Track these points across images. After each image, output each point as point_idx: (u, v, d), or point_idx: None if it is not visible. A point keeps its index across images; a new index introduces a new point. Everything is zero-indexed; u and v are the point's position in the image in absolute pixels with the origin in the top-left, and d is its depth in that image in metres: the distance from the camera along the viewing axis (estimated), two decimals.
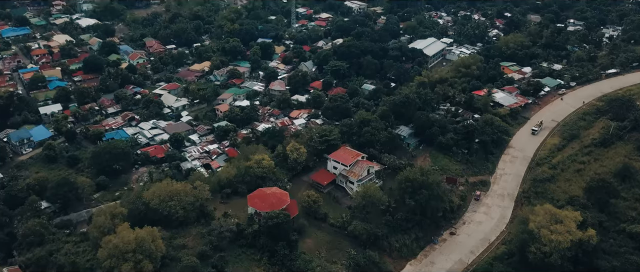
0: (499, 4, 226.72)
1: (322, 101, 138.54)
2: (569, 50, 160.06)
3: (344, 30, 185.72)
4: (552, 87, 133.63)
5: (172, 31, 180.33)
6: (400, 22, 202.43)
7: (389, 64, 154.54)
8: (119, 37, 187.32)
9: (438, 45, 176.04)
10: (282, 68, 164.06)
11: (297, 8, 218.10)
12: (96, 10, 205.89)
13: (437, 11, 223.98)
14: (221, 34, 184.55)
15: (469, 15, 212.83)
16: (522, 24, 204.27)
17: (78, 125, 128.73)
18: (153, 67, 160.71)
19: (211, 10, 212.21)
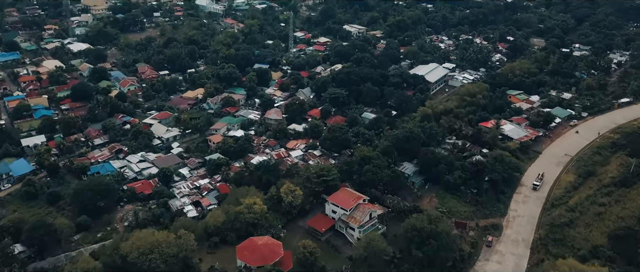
0: (500, 27, 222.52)
1: (320, 131, 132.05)
2: (578, 77, 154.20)
3: (342, 56, 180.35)
4: (562, 118, 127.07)
5: (165, 57, 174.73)
6: (401, 46, 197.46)
7: (389, 91, 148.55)
8: (111, 62, 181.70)
9: (440, 71, 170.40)
10: (279, 95, 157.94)
11: (295, 32, 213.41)
12: (89, 35, 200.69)
13: (438, 35, 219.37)
14: (216, 59, 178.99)
15: (471, 40, 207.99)
16: (525, 48, 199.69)
17: (62, 157, 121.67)
18: (144, 95, 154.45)
19: (207, 35, 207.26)
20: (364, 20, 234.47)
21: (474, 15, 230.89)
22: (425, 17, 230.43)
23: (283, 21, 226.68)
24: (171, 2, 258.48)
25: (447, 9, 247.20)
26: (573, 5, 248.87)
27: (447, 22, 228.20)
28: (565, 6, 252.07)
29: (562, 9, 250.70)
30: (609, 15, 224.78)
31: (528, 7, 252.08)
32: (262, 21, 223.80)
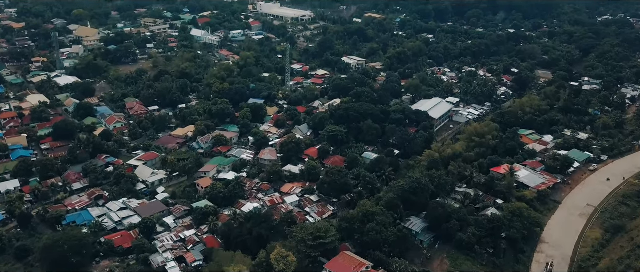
0: (504, 59, 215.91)
1: (317, 173, 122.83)
2: (592, 114, 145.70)
3: (341, 90, 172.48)
4: (581, 162, 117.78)
5: (155, 91, 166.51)
6: (402, 79, 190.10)
7: (391, 129, 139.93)
8: (99, 97, 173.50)
9: (444, 107, 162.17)
10: (275, 132, 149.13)
11: (292, 64, 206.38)
12: (77, 68, 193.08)
13: (439, 67, 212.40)
14: (209, 94, 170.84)
15: (474, 72, 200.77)
16: (531, 81, 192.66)
17: (36, 205, 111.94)
18: (131, 133, 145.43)
19: (201, 67, 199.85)
20: (363, 51, 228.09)
21: (476, 46, 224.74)
22: (426, 48, 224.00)
23: (280, 53, 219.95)
24: (165, 32, 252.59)
25: (449, 39, 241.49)
26: (577, 36, 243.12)
27: (449, 53, 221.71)
28: (569, 37, 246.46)
29: (565, 39, 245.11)
30: (615, 46, 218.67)
31: (531, 38, 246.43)
32: (259, 53, 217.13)
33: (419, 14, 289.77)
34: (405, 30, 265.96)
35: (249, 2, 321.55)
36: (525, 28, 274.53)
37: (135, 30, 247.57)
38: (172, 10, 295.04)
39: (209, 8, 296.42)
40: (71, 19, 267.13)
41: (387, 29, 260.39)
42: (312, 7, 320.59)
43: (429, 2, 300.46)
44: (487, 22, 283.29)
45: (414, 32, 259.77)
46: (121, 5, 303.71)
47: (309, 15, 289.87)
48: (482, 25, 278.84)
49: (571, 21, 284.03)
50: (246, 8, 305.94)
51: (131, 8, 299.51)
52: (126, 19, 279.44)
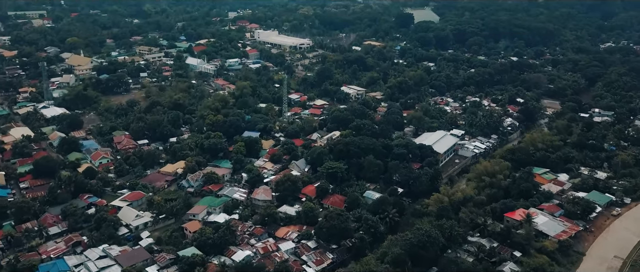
0: (509, 88, 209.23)
1: (315, 215, 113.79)
2: (607, 149, 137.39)
3: (340, 122, 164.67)
4: (602, 206, 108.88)
5: (146, 124, 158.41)
6: (403, 110, 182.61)
7: (394, 165, 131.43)
8: (86, 129, 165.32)
9: (449, 140, 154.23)
10: (270, 168, 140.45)
11: (289, 94, 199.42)
12: (66, 98, 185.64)
13: (442, 97, 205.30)
14: (203, 126, 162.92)
15: (479, 102, 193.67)
16: (537, 112, 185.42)
17: (8, 252, 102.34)
18: (117, 170, 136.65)
19: (195, 97, 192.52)
20: (363, 80, 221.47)
21: (479, 75, 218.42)
22: (427, 77, 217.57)
23: (277, 82, 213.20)
24: (160, 61, 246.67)
25: (450, 68, 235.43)
26: (581, 64, 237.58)
27: (452, 82, 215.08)
28: (573, 65, 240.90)
29: (570, 68, 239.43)
30: (622, 75, 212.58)
31: (534, 66, 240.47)
32: (256, 82, 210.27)
33: (419, 41, 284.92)
34: (405, 58, 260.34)
35: (247, 30, 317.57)
36: (527, 56, 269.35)
37: (129, 59, 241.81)
38: (168, 38, 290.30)
39: (205, 36, 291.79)
40: (65, 47, 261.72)
41: (387, 57, 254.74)
42: (310, 35, 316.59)
43: (429, 30, 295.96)
44: (489, 49, 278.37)
45: (414, 60, 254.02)
46: (117, 33, 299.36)
47: (308, 43, 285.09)
48: (484, 53, 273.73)
49: (574, 49, 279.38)
50: (244, 36, 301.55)
51: (127, 36, 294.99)
52: (121, 47, 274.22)
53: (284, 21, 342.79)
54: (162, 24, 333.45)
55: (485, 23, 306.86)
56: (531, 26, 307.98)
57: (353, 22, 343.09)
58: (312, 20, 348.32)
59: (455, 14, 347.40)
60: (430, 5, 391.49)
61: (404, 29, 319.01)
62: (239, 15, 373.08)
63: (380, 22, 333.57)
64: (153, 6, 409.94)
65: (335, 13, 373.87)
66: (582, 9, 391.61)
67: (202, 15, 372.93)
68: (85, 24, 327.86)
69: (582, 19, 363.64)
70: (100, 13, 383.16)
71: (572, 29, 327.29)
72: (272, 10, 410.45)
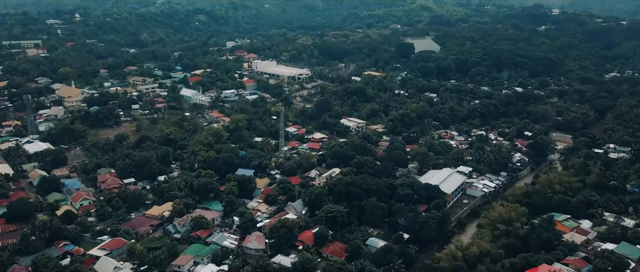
0: (515, 121, 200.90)
1: (313, 267, 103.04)
2: (630, 191, 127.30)
3: (340, 158, 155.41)
4: (634, 260, 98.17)
5: (133, 161, 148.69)
6: (406, 144, 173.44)
7: (399, 208, 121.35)
8: (70, 167, 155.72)
9: (456, 179, 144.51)
10: (264, 210, 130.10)
11: (287, 127, 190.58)
12: (51, 133, 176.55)
13: (446, 130, 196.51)
14: (194, 163, 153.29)
15: (485, 136, 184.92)
16: (547, 146, 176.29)
17: None
18: (99, 213, 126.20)
19: (188, 131, 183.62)
20: (363, 112, 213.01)
21: (484, 106, 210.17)
22: (430, 109, 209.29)
23: (275, 114, 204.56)
24: (154, 92, 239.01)
25: (454, 99, 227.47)
26: (589, 95, 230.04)
27: (456, 115, 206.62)
28: (580, 96, 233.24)
29: (577, 99, 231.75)
30: (632, 107, 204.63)
31: (541, 98, 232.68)
32: (252, 114, 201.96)
33: (420, 71, 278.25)
34: (406, 88, 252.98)
35: (244, 60, 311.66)
36: (532, 86, 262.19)
37: (122, 90, 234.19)
38: (164, 68, 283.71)
39: (202, 66, 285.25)
40: (56, 78, 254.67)
41: (387, 88, 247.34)
42: (309, 65, 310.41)
43: (430, 59, 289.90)
44: (492, 79, 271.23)
45: (416, 91, 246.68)
46: (111, 63, 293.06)
47: (306, 73, 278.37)
48: (487, 83, 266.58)
49: (579, 79, 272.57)
50: (241, 66, 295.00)
51: (121, 66, 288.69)
52: (115, 77, 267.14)
53: (283, 51, 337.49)
54: (158, 54, 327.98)
55: (487, 52, 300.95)
56: (534, 56, 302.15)
57: (352, 52, 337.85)
58: (311, 50, 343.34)
59: (456, 43, 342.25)
60: (431, 34, 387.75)
61: (404, 59, 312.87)
62: (237, 45, 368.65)
63: (380, 52, 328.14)
64: (150, 35, 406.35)
65: (335, 43, 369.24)
66: (584, 38, 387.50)
67: (199, 44, 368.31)
68: (80, 54, 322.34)
69: (584, 48, 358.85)
70: (97, 42, 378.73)
71: (575, 59, 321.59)
72: (271, 39, 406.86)
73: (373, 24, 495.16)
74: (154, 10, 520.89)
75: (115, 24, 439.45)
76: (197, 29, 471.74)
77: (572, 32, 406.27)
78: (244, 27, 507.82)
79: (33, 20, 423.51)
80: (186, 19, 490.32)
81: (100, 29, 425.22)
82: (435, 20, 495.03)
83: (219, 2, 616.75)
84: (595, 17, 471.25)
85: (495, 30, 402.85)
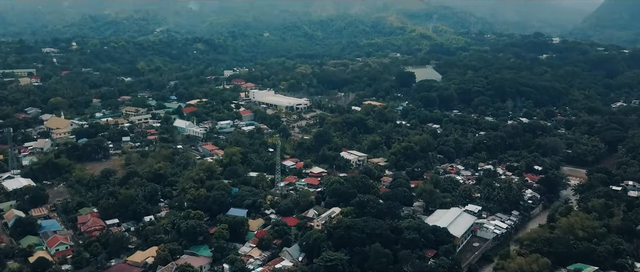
0: (524, 154, 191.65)
1: None
2: None
3: (340, 196, 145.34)
4: None
5: (117, 200, 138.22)
6: (410, 180, 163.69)
7: (405, 255, 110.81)
8: (50, 206, 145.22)
9: (465, 220, 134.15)
10: (257, 256, 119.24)
11: (284, 160, 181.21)
12: (34, 168, 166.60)
13: (452, 164, 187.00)
14: (183, 202, 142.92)
15: (493, 171, 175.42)
16: (560, 182, 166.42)
17: None
18: (76, 260, 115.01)
19: (179, 165, 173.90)
20: (364, 144, 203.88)
21: (490, 139, 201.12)
22: (434, 141, 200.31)
23: (271, 146, 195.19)
24: (146, 123, 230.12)
25: (458, 131, 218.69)
26: (598, 126, 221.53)
27: (461, 147, 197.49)
28: (589, 127, 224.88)
29: (585, 130, 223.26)
30: None
31: (548, 129, 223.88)
32: (247, 147, 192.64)
33: (422, 101, 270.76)
34: (408, 119, 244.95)
35: (242, 89, 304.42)
36: (537, 116, 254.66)
37: (113, 121, 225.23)
38: (158, 98, 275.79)
39: (197, 96, 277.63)
40: (47, 108, 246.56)
41: (388, 119, 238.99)
42: (308, 94, 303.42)
43: (432, 89, 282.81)
44: (496, 110, 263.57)
45: (418, 121, 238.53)
46: (105, 92, 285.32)
47: (305, 103, 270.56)
48: (492, 114, 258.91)
49: (586, 109, 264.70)
50: (238, 96, 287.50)
51: (115, 95, 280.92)
52: (107, 107, 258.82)
53: (281, 80, 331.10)
54: (154, 83, 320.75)
55: (490, 82, 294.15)
56: (538, 85, 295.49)
57: (352, 81, 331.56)
58: (310, 78, 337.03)
59: (457, 72, 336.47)
60: (431, 63, 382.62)
61: (405, 88, 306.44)
62: (235, 74, 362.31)
63: (380, 81, 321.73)
64: (147, 64, 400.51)
65: (334, 72, 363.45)
66: (586, 67, 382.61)
67: (196, 73, 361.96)
68: (73, 83, 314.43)
69: (587, 77, 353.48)
70: (93, 71, 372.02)
71: (579, 88, 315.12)
72: (270, 68, 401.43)
73: (372, 52, 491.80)
74: (152, 39, 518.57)
75: (112, 52, 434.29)
76: (195, 57, 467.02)
77: (574, 60, 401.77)
78: (242, 55, 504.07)
79: (29, 48, 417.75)
80: (184, 47, 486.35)
81: (97, 57, 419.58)
82: (435, 49, 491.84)
83: (218, 31, 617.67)
84: (596, 45, 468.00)
85: (497, 59, 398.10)
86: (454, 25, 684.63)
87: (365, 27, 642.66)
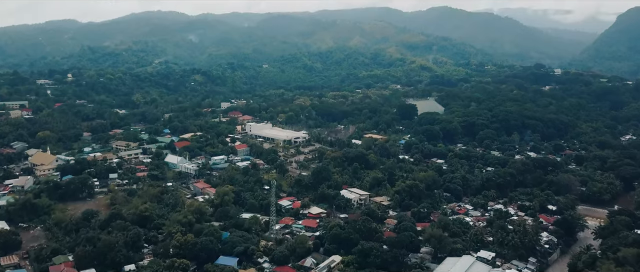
0: (536, 192, 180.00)
1: None
2: None
3: (341, 242, 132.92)
4: None
5: (95, 248, 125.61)
6: (417, 222, 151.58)
7: None
8: (23, 253, 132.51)
9: (479, 269, 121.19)
10: None
11: (281, 199, 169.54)
12: (9, 209, 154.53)
13: (459, 203, 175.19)
14: (169, 248, 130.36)
15: (505, 211, 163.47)
16: (577, 224, 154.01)
17: None
18: None
19: (168, 206, 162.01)
20: (366, 181, 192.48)
21: (499, 176, 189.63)
22: (440, 178, 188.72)
23: (267, 183, 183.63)
24: (136, 158, 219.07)
25: (464, 167, 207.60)
26: (611, 161, 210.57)
27: (468, 185, 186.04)
28: (602, 162, 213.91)
29: (598, 166, 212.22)
30: None
31: (560, 165, 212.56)
32: (241, 185, 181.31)
33: (425, 135, 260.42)
34: (411, 153, 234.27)
35: (238, 122, 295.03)
36: (545, 150, 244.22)
37: (101, 156, 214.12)
38: (151, 131, 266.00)
39: (192, 129, 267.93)
40: (34, 142, 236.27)
41: (390, 153, 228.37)
42: (307, 127, 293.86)
43: (435, 122, 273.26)
44: (502, 143, 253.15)
45: (421, 156, 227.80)
46: (96, 125, 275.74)
47: (303, 136, 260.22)
48: (497, 147, 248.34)
49: (596, 143, 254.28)
50: (234, 129, 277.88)
51: (107, 128, 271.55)
52: (98, 141, 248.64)
53: (279, 112, 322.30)
54: (148, 115, 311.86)
55: (494, 114, 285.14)
56: (544, 118, 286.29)
57: (352, 113, 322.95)
58: (309, 111, 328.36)
59: (460, 104, 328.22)
60: (433, 95, 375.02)
61: (406, 121, 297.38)
62: (232, 106, 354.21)
63: (381, 114, 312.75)
64: (143, 96, 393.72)
65: (333, 104, 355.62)
66: (590, 99, 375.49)
67: (192, 105, 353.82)
68: (65, 115, 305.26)
69: (592, 109, 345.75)
70: (87, 103, 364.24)
71: (585, 120, 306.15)
72: (268, 100, 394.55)
73: (372, 84, 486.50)
74: (149, 70, 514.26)
75: (108, 84, 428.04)
76: (192, 89, 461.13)
77: (578, 92, 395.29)
78: (241, 87, 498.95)
79: (23, 80, 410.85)
80: (182, 79, 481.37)
81: (93, 89, 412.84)
82: (435, 80, 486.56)
83: (217, 62, 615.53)
84: (599, 76, 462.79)
85: (500, 91, 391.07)
86: (454, 57, 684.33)
87: (364, 58, 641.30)
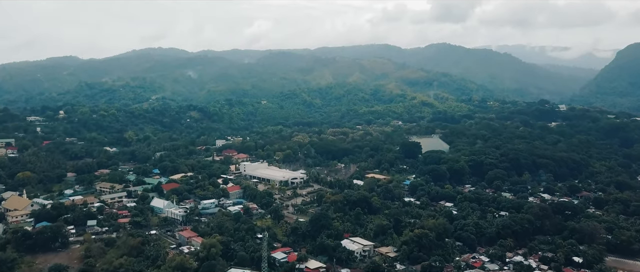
0: (557, 241, 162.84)
1: None
2: None
3: None
4: None
5: None
6: None
7: None
8: None
9: None
10: None
11: (275, 250, 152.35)
12: None
13: (474, 254, 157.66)
14: None
15: (525, 263, 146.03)
16: None
17: None
18: None
19: (148, 259, 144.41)
20: (369, 229, 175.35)
21: (516, 222, 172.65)
22: (451, 226, 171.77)
23: (260, 231, 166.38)
24: (120, 202, 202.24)
25: (476, 212, 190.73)
26: (635, 205, 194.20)
27: (482, 232, 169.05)
28: (624, 206, 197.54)
29: (620, 209, 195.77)
30: None
31: (580, 210, 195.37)
32: (232, 234, 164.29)
33: (431, 175, 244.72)
34: (417, 195, 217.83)
35: (233, 161, 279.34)
36: (560, 192, 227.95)
37: (82, 200, 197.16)
38: (139, 172, 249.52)
39: (183, 169, 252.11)
40: (12, 184, 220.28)
41: (395, 195, 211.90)
42: (305, 166, 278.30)
43: (441, 161, 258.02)
44: (513, 184, 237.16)
45: (428, 199, 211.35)
46: (82, 165, 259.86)
47: (301, 176, 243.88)
48: (508, 189, 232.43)
49: (614, 183, 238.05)
50: (227, 169, 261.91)
51: (93, 168, 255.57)
52: (81, 183, 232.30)
53: (276, 150, 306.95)
54: (138, 154, 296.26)
55: (503, 153, 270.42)
56: (555, 156, 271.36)
57: (353, 151, 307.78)
58: (308, 148, 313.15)
59: (466, 142, 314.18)
60: (438, 133, 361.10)
61: (410, 160, 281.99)
62: (227, 144, 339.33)
63: (383, 151, 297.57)
64: (136, 133, 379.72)
65: (333, 141, 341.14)
66: (599, 136, 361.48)
67: (186, 143, 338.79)
68: (52, 154, 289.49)
69: (603, 146, 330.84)
70: (77, 141, 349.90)
71: (598, 158, 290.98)
72: (265, 137, 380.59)
73: (373, 120, 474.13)
74: (144, 107, 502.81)
75: (101, 120, 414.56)
76: (188, 125, 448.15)
77: (585, 128, 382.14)
78: (238, 124, 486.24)
79: (12, 117, 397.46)
80: (177, 115, 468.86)
81: (84, 126, 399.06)
82: (438, 117, 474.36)
83: (215, 98, 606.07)
84: (606, 113, 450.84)
85: (505, 127, 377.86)
86: (455, 92, 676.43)
87: (364, 94, 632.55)
